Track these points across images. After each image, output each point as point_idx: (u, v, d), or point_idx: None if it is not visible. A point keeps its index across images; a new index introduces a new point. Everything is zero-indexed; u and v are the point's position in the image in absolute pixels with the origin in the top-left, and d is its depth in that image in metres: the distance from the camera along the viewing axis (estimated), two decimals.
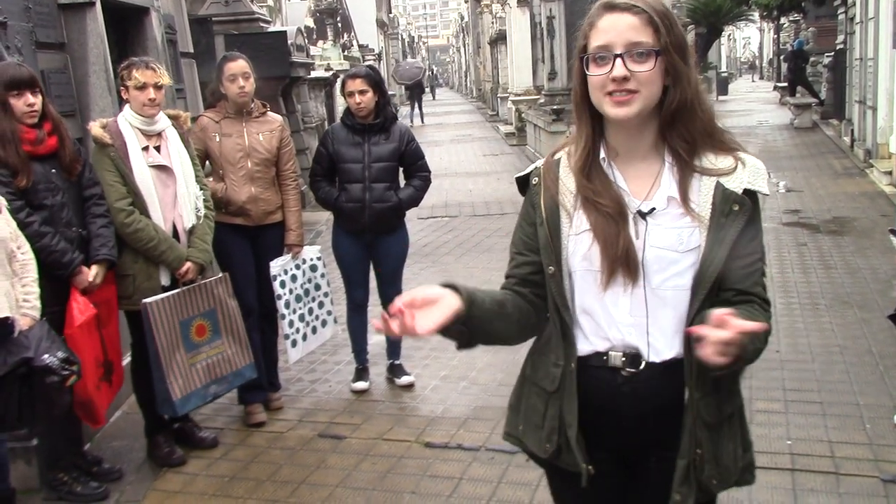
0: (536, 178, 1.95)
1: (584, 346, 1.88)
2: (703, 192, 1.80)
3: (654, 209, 1.81)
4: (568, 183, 1.89)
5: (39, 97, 3.64)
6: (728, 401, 1.88)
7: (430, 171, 5.07)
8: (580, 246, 1.84)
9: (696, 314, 1.77)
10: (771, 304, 1.84)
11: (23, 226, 3.45)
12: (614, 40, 1.75)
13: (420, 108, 31.10)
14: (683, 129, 1.81)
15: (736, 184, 1.80)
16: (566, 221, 1.87)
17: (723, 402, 1.86)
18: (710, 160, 1.83)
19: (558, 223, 1.87)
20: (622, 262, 1.79)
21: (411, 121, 28.16)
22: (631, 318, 1.83)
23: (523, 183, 1.99)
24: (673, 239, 1.79)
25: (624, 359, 1.83)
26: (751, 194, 1.81)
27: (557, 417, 1.89)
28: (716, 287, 1.78)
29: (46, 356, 3.22)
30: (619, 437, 1.90)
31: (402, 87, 36.78)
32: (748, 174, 1.81)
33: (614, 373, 1.84)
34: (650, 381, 1.82)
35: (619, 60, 1.74)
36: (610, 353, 1.85)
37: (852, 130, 13.73)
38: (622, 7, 1.77)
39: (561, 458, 1.91)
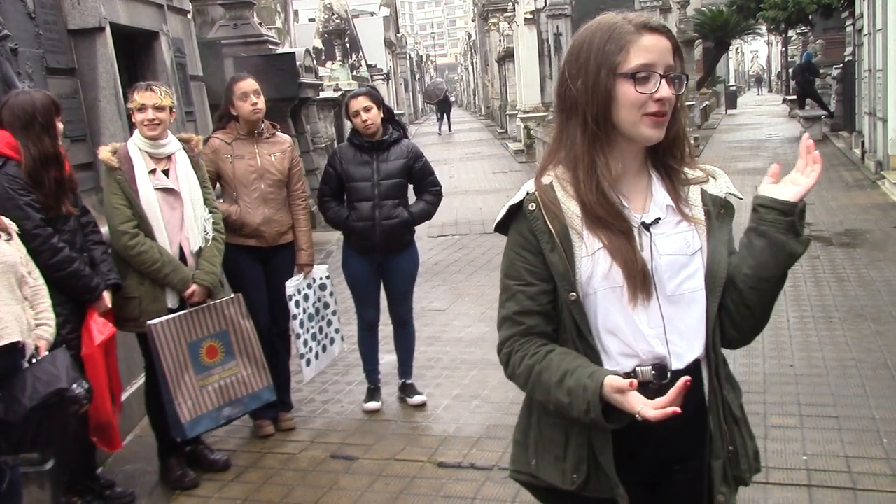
0: (534, 204, 1.84)
1: (610, 369, 1.83)
2: (691, 199, 1.89)
3: (658, 219, 1.84)
4: (570, 205, 1.83)
5: None
6: (740, 393, 1.98)
7: (440, 186, 5.07)
8: (599, 265, 1.80)
9: (716, 313, 1.86)
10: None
11: (54, 251, 3.52)
12: (657, 61, 1.75)
13: (448, 119, 36.39)
14: (676, 148, 1.89)
15: (717, 190, 1.91)
16: (578, 243, 1.82)
17: (738, 396, 1.95)
18: (687, 172, 1.92)
19: (571, 246, 1.82)
20: (640, 276, 1.80)
21: (439, 131, 34.27)
22: (651, 330, 1.83)
23: (513, 212, 1.88)
24: (680, 243, 1.85)
25: (654, 371, 1.82)
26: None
27: (586, 446, 1.86)
28: (727, 285, 1.86)
29: (75, 386, 3.21)
30: (649, 455, 1.89)
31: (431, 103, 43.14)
32: (722, 182, 1.93)
33: (643, 388, 1.77)
34: None
35: (664, 81, 1.75)
36: (638, 369, 1.83)
37: (863, 142, 13.69)
38: (661, 30, 1.79)
39: (589, 488, 1.87)
